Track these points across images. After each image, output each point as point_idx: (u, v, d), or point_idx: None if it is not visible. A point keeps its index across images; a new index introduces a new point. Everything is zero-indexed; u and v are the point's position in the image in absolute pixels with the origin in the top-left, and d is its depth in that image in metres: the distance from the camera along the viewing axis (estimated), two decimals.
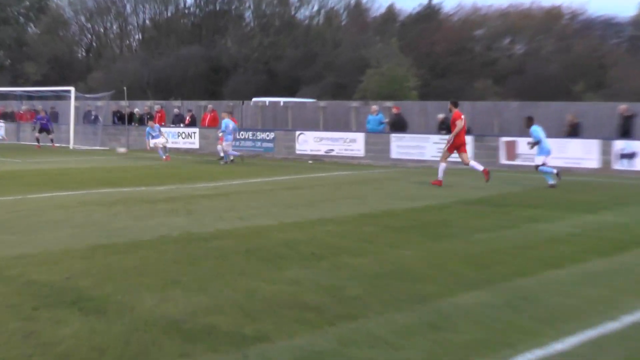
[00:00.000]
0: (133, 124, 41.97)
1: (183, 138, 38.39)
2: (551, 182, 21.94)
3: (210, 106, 40.30)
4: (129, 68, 66.69)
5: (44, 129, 41.26)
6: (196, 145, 38.02)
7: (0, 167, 26.59)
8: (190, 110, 40.79)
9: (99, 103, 45.03)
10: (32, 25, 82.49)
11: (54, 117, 46.91)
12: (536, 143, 22.28)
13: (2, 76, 72.99)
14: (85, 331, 7.24)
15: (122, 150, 27.62)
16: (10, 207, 15.95)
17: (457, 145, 22.04)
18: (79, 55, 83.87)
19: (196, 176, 24.05)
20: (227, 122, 30.33)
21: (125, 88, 41.79)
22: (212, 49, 71.73)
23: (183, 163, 30.31)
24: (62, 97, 48.59)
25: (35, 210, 15.41)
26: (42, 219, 14.23)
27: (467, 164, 22.24)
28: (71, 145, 40.80)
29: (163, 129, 35.35)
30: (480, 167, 22.15)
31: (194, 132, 38.42)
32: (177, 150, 37.62)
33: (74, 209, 15.67)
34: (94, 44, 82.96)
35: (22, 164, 28.60)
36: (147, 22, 79.64)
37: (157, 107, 42.02)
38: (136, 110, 43.36)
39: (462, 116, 22.03)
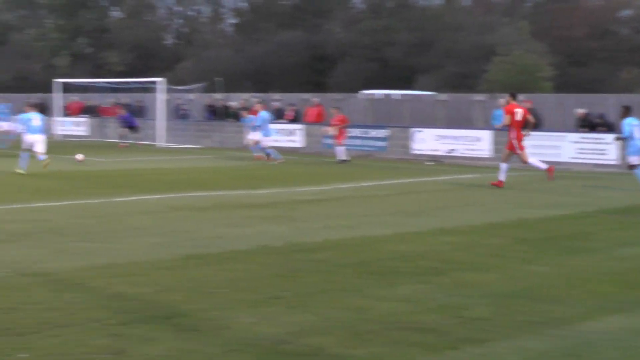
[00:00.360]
0: (228, 119, 42.62)
1: (285, 135, 38.74)
2: None
3: (315, 99, 40.60)
4: (222, 56, 67.85)
5: (130, 127, 42.25)
6: (299, 144, 38.34)
7: (83, 167, 27.42)
8: (292, 105, 41.17)
9: (190, 96, 45.89)
10: (115, 9, 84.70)
11: (141, 111, 48.04)
12: (623, 139, 22.21)
13: (83, 66, 75.20)
14: (178, 350, 7.43)
15: (79, 157, 28.16)
16: (94, 211, 16.46)
17: (521, 139, 22.86)
18: (167, 42, 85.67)
19: (300, 179, 24.28)
20: (264, 115, 32.66)
21: (218, 79, 42.46)
22: (316, 35, 72.26)
23: (284, 164, 30.63)
24: (149, 89, 49.70)
25: (120, 215, 15.87)
26: (128, 225, 14.64)
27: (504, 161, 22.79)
28: (159, 143, 41.72)
29: None
30: (501, 175, 22.44)
31: (297, 129, 38.75)
32: (278, 150, 37.99)
33: (162, 215, 16.07)
34: (184, 30, 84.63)
35: (106, 163, 29.41)
36: (243, 4, 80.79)
37: (254, 101, 42.56)
38: (231, 103, 44.00)
39: (516, 110, 22.74)
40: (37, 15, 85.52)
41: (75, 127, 49.58)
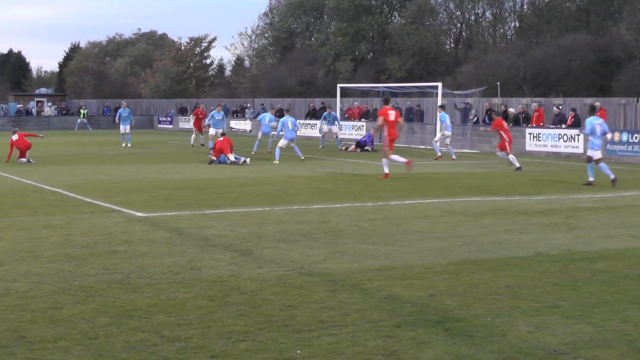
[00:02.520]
0: (507, 124, 42.21)
1: (565, 141, 37.92)
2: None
3: (597, 104, 39.42)
4: (502, 60, 67.15)
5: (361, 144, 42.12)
6: (580, 150, 37.35)
7: (358, 170, 28.04)
8: (574, 109, 40.20)
9: (469, 100, 45.85)
10: (396, 14, 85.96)
11: (420, 116, 48.58)
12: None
13: (364, 71, 76.85)
14: (450, 355, 7.42)
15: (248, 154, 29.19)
16: (371, 214, 16.76)
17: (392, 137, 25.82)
18: (447, 47, 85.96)
19: (580, 186, 23.60)
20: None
21: (498, 84, 42.15)
22: (602, 37, 70.05)
23: (563, 170, 29.94)
24: (428, 94, 50.11)
25: (396, 219, 16.07)
26: (403, 229, 14.80)
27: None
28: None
29: (539, 130, 35.10)
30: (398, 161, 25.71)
31: (578, 135, 37.79)
32: (558, 155, 37.27)
33: (438, 219, 16.13)
34: (464, 34, 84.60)
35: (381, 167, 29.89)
36: (525, 7, 79.70)
37: (534, 106, 41.92)
38: (510, 110, 43.58)
39: (389, 112, 25.87)
40: (322, 22, 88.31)
41: (354, 131, 50.81)
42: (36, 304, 9.18)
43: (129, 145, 43.03)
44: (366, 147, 40.45)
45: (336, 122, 42.83)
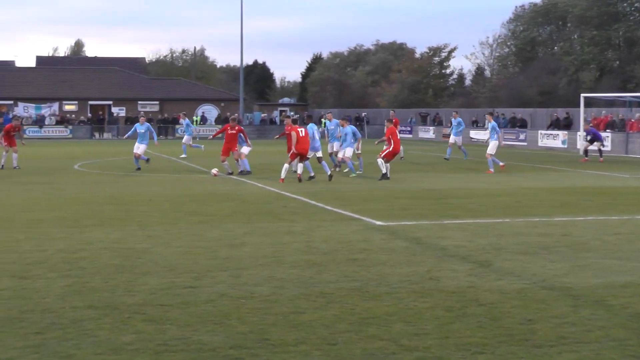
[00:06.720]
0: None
1: None
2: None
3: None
4: None
5: (595, 139, 40.68)
6: None
7: (611, 183, 27.20)
8: None
9: None
10: None
11: None
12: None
13: (609, 80, 74.50)
14: None
15: (214, 171, 27.82)
16: (616, 228, 16.22)
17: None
18: None
19: None
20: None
21: None
22: None
23: None
24: None
25: None
26: None
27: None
28: None
29: None
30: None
31: None
32: None
33: None
34: None
35: (629, 179, 28.87)
36: None
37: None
38: None
39: (299, 129, 26.73)
40: (565, 30, 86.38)
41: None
42: (278, 308, 9.47)
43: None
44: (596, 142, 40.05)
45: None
